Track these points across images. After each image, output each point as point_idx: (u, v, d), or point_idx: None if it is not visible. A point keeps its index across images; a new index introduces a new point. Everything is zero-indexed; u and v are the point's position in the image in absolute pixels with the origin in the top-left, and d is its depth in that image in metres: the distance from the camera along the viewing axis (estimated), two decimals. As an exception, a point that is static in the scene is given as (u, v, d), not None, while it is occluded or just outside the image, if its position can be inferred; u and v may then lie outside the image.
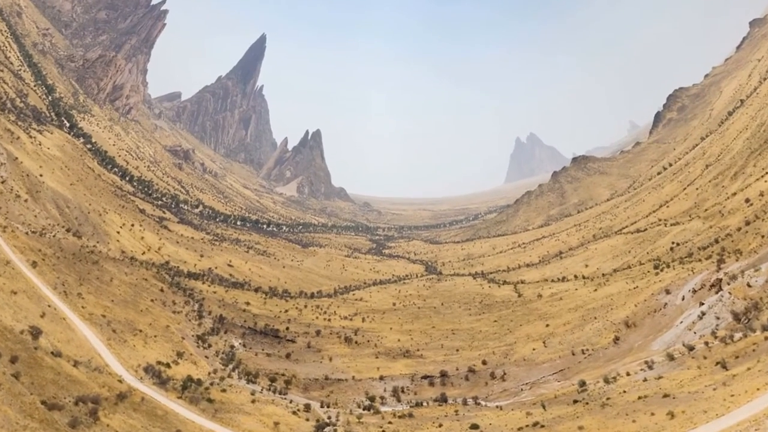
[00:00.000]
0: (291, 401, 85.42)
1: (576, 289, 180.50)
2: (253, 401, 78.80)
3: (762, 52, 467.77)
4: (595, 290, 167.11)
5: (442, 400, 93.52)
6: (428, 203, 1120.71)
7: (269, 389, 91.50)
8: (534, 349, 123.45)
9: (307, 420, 76.47)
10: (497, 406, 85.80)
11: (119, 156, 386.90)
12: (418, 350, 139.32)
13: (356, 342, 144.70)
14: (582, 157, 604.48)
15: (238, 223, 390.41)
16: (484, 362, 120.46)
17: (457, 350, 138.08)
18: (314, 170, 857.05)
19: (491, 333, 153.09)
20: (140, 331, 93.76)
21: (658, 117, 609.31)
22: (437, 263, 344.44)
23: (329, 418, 79.96)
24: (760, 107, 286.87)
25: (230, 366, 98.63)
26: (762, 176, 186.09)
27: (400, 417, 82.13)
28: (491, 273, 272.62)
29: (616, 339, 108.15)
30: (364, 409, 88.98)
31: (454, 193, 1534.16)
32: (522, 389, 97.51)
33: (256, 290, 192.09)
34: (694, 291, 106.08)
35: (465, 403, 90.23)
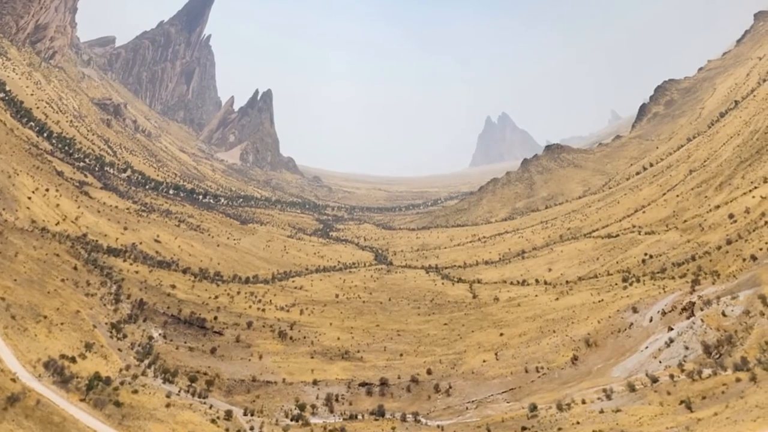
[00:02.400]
0: (211, 406, 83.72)
1: (536, 296, 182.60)
2: (167, 405, 76.80)
3: (765, 50, 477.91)
4: (557, 299, 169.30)
5: (380, 413, 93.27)
6: (384, 183, 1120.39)
7: (188, 391, 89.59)
8: (485, 361, 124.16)
9: (227, 431, 75.08)
10: (438, 426, 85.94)
11: (37, 108, 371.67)
12: (358, 352, 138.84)
13: (291, 338, 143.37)
14: (556, 145, 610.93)
15: (171, 192, 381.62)
16: (429, 372, 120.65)
17: (401, 355, 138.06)
18: (261, 136, 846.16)
19: (440, 338, 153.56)
20: (45, 317, 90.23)
21: (643, 109, 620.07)
22: (388, 252, 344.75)
23: (251, 429, 78.78)
24: (755, 112, 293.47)
25: (146, 361, 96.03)
26: (750, 190, 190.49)
27: (330, 431, 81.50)
28: (446, 268, 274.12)
29: (575, 359, 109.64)
30: (292, 420, 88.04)
31: (414, 173, 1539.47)
32: (467, 407, 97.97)
33: (185, 271, 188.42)
34: (664, 313, 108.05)
35: (404, 419, 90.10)
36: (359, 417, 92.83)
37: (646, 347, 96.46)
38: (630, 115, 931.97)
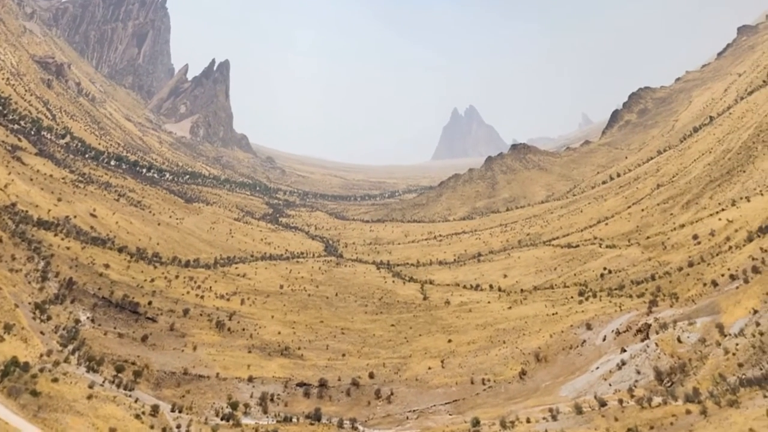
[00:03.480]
0: (137, 400, 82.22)
1: (489, 303, 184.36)
2: (89, 397, 74.99)
3: (745, 66, 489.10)
4: (510, 308, 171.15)
5: (316, 417, 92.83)
6: (341, 169, 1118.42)
7: (113, 382, 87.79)
8: (430, 368, 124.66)
9: (152, 428, 73.79)
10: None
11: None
12: (299, 349, 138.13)
13: (229, 329, 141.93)
14: (522, 145, 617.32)
15: (112, 163, 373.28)
16: (371, 375, 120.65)
17: (344, 355, 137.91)
18: (215, 109, 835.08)
19: (386, 339, 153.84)
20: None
21: (615, 116, 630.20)
22: (339, 243, 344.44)
23: (178, 427, 77.62)
24: (730, 130, 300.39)
25: (70, 347, 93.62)
26: (717, 212, 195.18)
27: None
28: (398, 265, 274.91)
29: (523, 373, 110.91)
30: (222, 419, 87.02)
31: (373, 162, 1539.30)
32: (408, 417, 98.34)
33: (120, 250, 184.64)
34: (618, 333, 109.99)
35: (341, 425, 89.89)
36: (294, 420, 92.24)
37: (597, 367, 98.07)
38: (601, 121, 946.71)
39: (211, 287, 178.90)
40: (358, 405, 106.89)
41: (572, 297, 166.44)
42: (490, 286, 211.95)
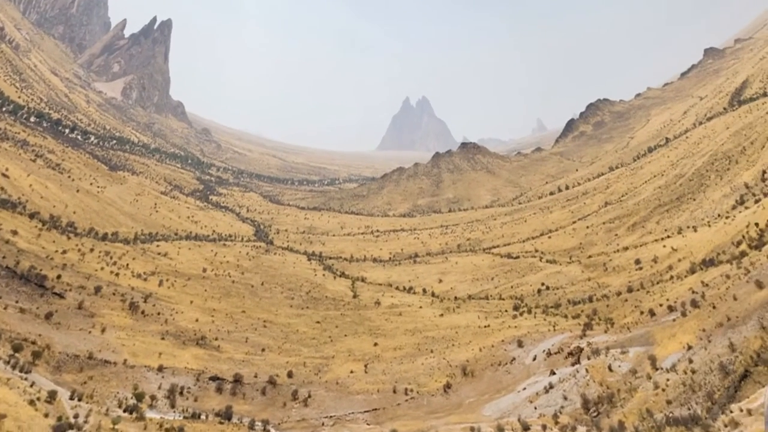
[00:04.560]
0: (33, 384, 79.61)
1: (420, 307, 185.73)
2: (-22, 376, 72.60)
3: (708, 90, 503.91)
4: (442, 315, 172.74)
5: (226, 416, 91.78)
6: (281, 150, 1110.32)
7: (8, 362, 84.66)
8: (352, 372, 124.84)
9: (46, 416, 71.45)
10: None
11: None
12: (216, 339, 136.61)
13: (143, 312, 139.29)
14: (473, 145, 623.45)
15: (33, 119, 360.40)
16: (290, 374, 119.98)
17: (264, 350, 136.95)
18: (151, 72, 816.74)
19: (309, 337, 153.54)
20: None
21: (570, 125, 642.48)
22: (271, 229, 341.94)
23: (76, 417, 75.41)
24: (684, 155, 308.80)
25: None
26: (662, 238, 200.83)
27: (166, 431, 79.40)
28: (331, 258, 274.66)
29: (448, 386, 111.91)
30: (125, 411, 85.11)
31: (316, 145, 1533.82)
32: (324, 423, 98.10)
33: (32, 216, 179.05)
34: (549, 353, 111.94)
35: (252, 426, 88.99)
36: (203, 417, 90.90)
37: (524, 388, 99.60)
38: (556, 128, 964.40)
39: (128, 264, 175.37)
40: (272, 405, 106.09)
41: (507, 310, 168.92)
42: (424, 290, 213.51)
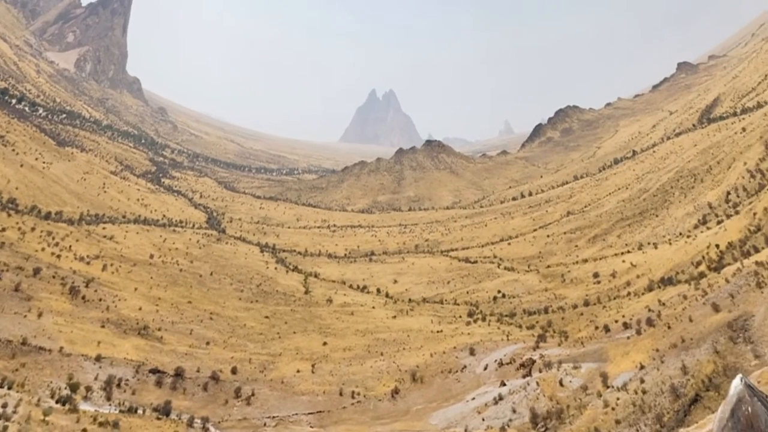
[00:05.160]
0: (-40, 369, 78.33)
1: (373, 308, 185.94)
2: None
3: (678, 105, 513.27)
4: (395, 317, 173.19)
5: (165, 412, 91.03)
6: (240, 135, 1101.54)
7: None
8: (299, 371, 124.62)
9: (-29, 404, 70.41)
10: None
11: None
12: (159, 330, 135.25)
13: (84, 298, 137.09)
14: (438, 143, 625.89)
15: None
16: (234, 371, 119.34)
17: (208, 343, 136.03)
18: (108, 44, 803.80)
19: (257, 332, 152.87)
20: None
21: (537, 130, 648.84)
22: (224, 217, 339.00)
23: (5, 406, 74.15)
24: (650, 169, 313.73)
25: None
26: (622, 253, 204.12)
27: (100, 424, 78.39)
28: (284, 251, 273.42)
29: (396, 392, 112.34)
30: (58, 402, 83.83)
31: (276, 132, 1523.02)
32: (266, 423, 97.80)
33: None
34: (501, 364, 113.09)
35: (191, 424, 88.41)
36: (140, 411, 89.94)
37: (473, 398, 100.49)
38: (523, 132, 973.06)
39: (70, 246, 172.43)
40: (214, 402, 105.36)
41: (461, 316, 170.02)
42: (378, 290, 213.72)
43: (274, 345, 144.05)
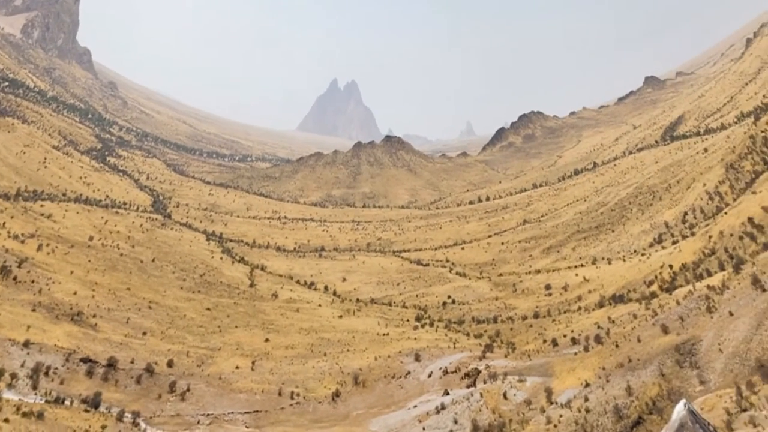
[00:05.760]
0: None
1: (320, 305, 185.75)
2: None
3: (642, 120, 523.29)
4: (341, 317, 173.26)
5: (94, 404, 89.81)
6: (193, 116, 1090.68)
7: None
8: (238, 368, 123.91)
9: None
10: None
11: None
12: (94, 316, 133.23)
13: (15, 279, 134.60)
14: (397, 139, 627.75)
15: None
16: (170, 363, 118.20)
17: (145, 333, 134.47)
18: (59, 11, 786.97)
19: (197, 324, 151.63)
20: None
21: (499, 134, 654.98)
22: (171, 201, 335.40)
23: None
24: (610, 183, 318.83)
25: None
26: (575, 266, 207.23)
27: (23, 415, 77.00)
28: (232, 241, 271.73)
29: (337, 394, 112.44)
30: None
31: (231, 116, 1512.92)
32: (200, 421, 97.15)
33: None
34: (446, 372, 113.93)
35: (120, 418, 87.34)
36: (67, 402, 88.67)
37: (416, 406, 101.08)
38: (485, 135, 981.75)
39: (4, 223, 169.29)
40: (147, 396, 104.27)
41: (408, 320, 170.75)
42: (326, 288, 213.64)
43: (214, 339, 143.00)
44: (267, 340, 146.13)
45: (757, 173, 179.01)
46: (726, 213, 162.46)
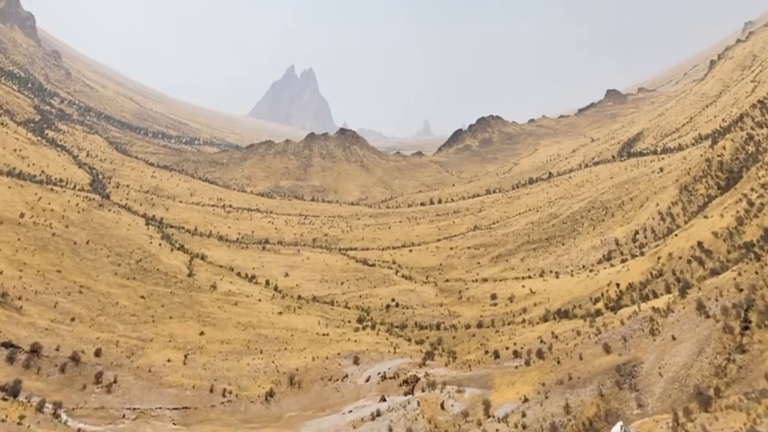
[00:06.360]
0: None
1: (260, 300, 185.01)
2: None
3: (601, 133, 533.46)
4: (281, 313, 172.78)
5: (13, 392, 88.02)
6: (140, 93, 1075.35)
7: None
8: (169, 361, 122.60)
9: None
10: (78, 430, 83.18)
11: None
12: (20, 298, 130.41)
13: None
14: (352, 133, 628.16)
15: None
16: (98, 352, 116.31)
17: (73, 319, 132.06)
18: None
19: (129, 312, 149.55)
20: None
21: (456, 136, 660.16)
22: (111, 181, 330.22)
23: None
24: (564, 194, 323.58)
25: None
26: (523, 278, 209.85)
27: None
28: (172, 227, 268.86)
29: (271, 394, 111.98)
30: None
31: (180, 96, 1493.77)
32: (125, 415, 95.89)
33: None
34: (384, 377, 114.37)
35: (41, 408, 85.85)
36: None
37: (351, 411, 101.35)
38: (442, 135, 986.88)
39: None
40: (71, 386, 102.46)
41: (350, 321, 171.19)
42: (267, 282, 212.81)
43: (147, 329, 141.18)
44: (202, 333, 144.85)
45: (711, 197, 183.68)
46: (677, 235, 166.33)
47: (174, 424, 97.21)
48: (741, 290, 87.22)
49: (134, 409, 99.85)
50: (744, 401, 62.33)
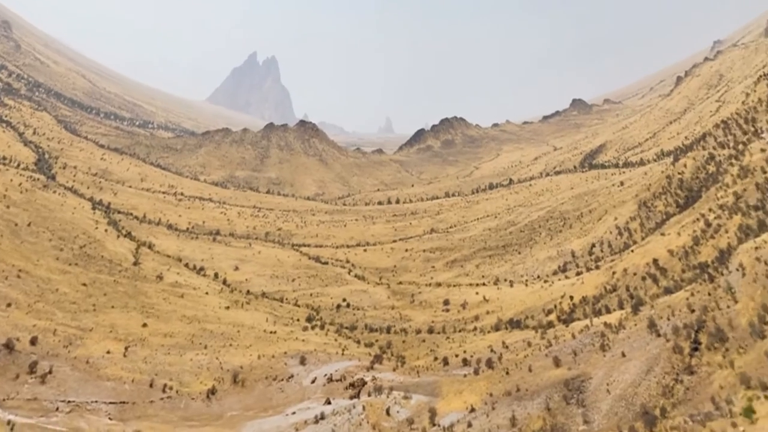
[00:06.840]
0: None
1: (207, 293, 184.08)
2: None
3: (564, 142, 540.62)
4: (228, 308, 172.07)
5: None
6: (94, 71, 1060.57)
7: None
8: (109, 353, 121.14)
9: None
10: (8, 423, 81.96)
11: None
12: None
13: None
14: (312, 126, 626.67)
15: None
16: (33, 341, 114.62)
17: (9, 305, 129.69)
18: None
19: (70, 299, 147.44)
20: None
21: (418, 136, 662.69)
22: (57, 162, 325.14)
23: None
24: (523, 203, 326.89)
25: None
26: (477, 284, 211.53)
27: None
28: (120, 212, 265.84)
29: (213, 392, 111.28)
30: None
31: (135, 77, 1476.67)
32: (59, 408, 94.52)
33: None
34: (330, 380, 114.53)
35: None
36: None
37: (294, 413, 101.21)
38: (404, 134, 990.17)
39: None
40: (2, 376, 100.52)
41: (299, 319, 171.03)
42: (216, 275, 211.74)
43: (87, 318, 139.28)
44: (145, 325, 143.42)
45: (669, 215, 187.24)
46: (633, 251, 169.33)
47: (110, 418, 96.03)
48: (693, 311, 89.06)
49: (69, 401, 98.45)
50: (689, 423, 63.63)
